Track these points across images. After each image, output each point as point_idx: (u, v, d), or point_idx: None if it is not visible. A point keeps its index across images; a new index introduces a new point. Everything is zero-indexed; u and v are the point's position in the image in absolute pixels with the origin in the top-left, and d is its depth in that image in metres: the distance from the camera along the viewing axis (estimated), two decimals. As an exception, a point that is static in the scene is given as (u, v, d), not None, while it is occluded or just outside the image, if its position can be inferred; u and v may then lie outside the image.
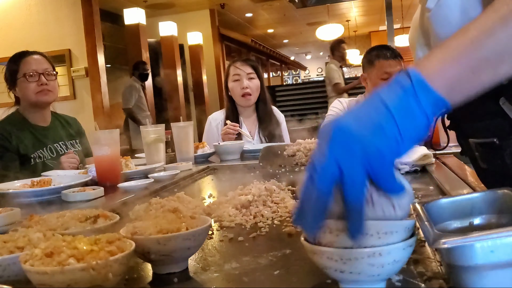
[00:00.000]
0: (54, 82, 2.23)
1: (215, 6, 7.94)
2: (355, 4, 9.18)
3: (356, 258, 0.54)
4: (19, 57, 2.20)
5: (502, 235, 0.50)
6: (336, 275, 0.57)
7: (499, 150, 0.82)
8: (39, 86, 2.15)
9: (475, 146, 0.88)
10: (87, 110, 5.04)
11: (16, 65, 2.17)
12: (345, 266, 0.55)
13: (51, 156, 2.16)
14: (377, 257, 0.54)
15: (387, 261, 0.55)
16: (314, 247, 0.58)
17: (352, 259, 0.54)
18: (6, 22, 5.15)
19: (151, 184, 1.50)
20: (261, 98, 2.66)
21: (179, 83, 6.77)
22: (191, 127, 2.08)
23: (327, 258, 0.56)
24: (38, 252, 0.61)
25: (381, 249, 0.54)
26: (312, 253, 0.58)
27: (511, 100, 0.76)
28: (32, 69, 2.16)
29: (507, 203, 0.66)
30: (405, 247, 0.56)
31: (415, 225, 0.58)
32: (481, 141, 0.86)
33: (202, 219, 0.78)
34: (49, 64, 2.25)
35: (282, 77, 16.70)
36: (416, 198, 1.11)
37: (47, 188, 1.48)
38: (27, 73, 2.15)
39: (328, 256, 0.56)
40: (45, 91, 2.17)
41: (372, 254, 0.54)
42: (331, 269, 0.57)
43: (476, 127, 0.87)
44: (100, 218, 0.87)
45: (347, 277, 0.56)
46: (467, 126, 0.91)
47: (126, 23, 5.94)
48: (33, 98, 2.16)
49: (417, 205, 0.69)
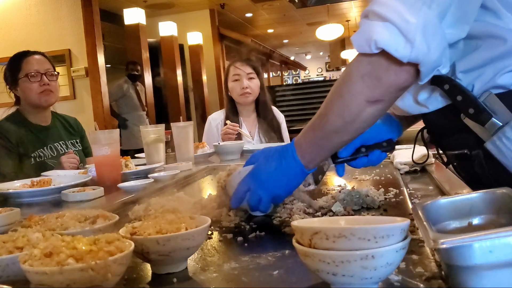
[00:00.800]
0: (55, 83, 2.24)
1: (215, 6, 7.94)
2: (355, 4, 9.18)
3: (348, 260, 0.54)
4: (20, 56, 2.19)
5: (500, 235, 0.50)
6: (329, 278, 0.56)
7: (470, 160, 0.90)
8: (41, 86, 2.15)
9: (452, 158, 0.97)
10: (87, 110, 5.03)
11: (17, 65, 2.17)
12: (337, 269, 0.55)
13: (51, 156, 2.16)
14: (370, 259, 0.53)
15: (380, 263, 0.54)
16: (306, 249, 0.57)
17: (345, 261, 0.54)
18: (6, 22, 5.14)
19: (151, 184, 1.50)
20: (261, 98, 2.66)
21: (179, 83, 6.77)
22: (191, 127, 2.08)
23: (319, 261, 0.56)
24: (37, 252, 0.61)
25: (374, 252, 0.54)
26: (304, 255, 0.58)
27: (468, 115, 0.85)
28: (34, 69, 2.16)
29: (505, 203, 0.66)
30: (398, 249, 0.55)
31: (408, 226, 0.58)
32: (455, 153, 0.94)
33: (201, 219, 0.78)
34: (50, 64, 2.25)
35: (282, 77, 16.69)
36: (415, 198, 1.11)
37: (47, 188, 1.48)
38: (29, 73, 2.15)
39: (320, 258, 0.55)
40: (47, 91, 2.17)
41: (365, 256, 0.53)
42: (323, 272, 0.56)
43: (450, 141, 0.95)
44: (99, 219, 0.87)
45: (340, 280, 0.56)
46: (444, 141, 0.98)
47: (126, 23, 5.94)
48: (35, 98, 2.16)
49: (416, 205, 0.69)
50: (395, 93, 0.82)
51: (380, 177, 1.42)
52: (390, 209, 1.03)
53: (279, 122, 2.71)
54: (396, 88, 0.80)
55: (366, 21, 0.78)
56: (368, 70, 0.79)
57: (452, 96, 0.86)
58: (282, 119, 2.76)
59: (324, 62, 19.45)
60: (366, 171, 1.51)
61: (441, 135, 0.99)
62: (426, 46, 0.73)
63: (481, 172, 0.89)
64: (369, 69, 0.79)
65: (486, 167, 0.88)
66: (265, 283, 0.66)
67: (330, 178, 1.49)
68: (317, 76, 19.50)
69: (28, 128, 2.18)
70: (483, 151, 0.87)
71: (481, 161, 0.88)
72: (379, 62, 0.78)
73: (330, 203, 1.05)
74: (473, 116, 0.85)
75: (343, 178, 1.42)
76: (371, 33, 0.75)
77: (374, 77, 0.79)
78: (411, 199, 1.10)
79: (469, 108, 0.84)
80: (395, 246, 0.55)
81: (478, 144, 0.87)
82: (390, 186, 1.23)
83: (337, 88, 0.86)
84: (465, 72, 0.86)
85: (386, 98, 0.82)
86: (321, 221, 0.73)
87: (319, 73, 19.77)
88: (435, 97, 0.91)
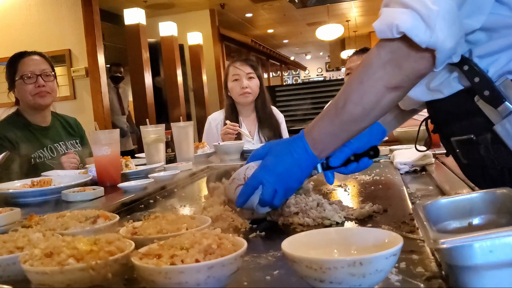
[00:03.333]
0: (52, 83, 2.21)
1: (215, 6, 7.93)
2: (355, 4, 9.18)
3: (335, 267, 0.52)
4: (17, 58, 2.19)
5: (501, 235, 0.50)
6: (316, 284, 0.55)
7: (475, 145, 0.94)
8: (36, 88, 2.14)
9: (456, 144, 1.00)
10: (87, 110, 5.03)
11: (14, 67, 2.16)
12: (324, 276, 0.53)
13: (51, 156, 2.16)
14: (358, 266, 0.52)
15: (368, 270, 0.52)
16: (293, 255, 0.56)
17: (332, 268, 0.52)
18: (6, 22, 5.14)
19: (151, 184, 1.50)
20: (261, 98, 2.66)
21: (179, 83, 6.76)
22: (191, 127, 2.09)
23: (306, 267, 0.54)
24: (38, 252, 0.61)
25: (362, 259, 0.52)
26: (292, 261, 0.56)
27: (483, 97, 0.88)
28: (29, 70, 2.14)
29: (506, 203, 0.66)
30: (388, 256, 0.54)
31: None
32: (460, 138, 0.97)
33: (201, 219, 0.78)
34: (47, 64, 2.23)
35: (282, 77, 16.69)
36: (415, 198, 1.11)
37: (47, 188, 1.48)
38: (24, 75, 2.13)
39: (307, 264, 0.54)
40: (43, 92, 2.15)
41: (353, 263, 0.52)
42: (310, 278, 0.55)
43: (456, 127, 0.98)
44: (100, 219, 0.87)
45: (327, 287, 0.54)
46: (448, 128, 1.02)
47: (126, 23, 5.92)
48: (30, 100, 2.15)
49: (417, 205, 0.69)
50: (414, 80, 0.85)
51: (380, 177, 1.43)
52: (390, 209, 1.03)
53: (279, 122, 2.71)
54: (416, 75, 0.84)
55: (388, 9, 0.82)
56: (389, 57, 0.83)
57: (470, 77, 0.89)
58: (281, 118, 2.77)
59: (324, 62, 19.44)
60: (366, 171, 1.51)
61: (447, 122, 1.02)
62: (444, 33, 0.77)
63: (486, 155, 0.93)
64: (390, 56, 0.82)
65: (492, 150, 0.91)
66: (265, 283, 0.66)
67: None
68: (317, 76, 19.49)
69: (27, 128, 2.18)
70: (491, 134, 0.90)
71: (488, 145, 0.91)
72: (400, 49, 0.81)
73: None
74: (487, 98, 0.88)
75: (343, 178, 1.42)
76: (393, 18, 0.78)
77: (395, 64, 0.82)
78: (411, 199, 1.10)
79: (485, 90, 0.87)
80: (385, 252, 0.53)
81: (486, 127, 0.90)
82: (390, 186, 1.23)
83: (357, 75, 0.87)
84: (480, 57, 0.89)
85: (405, 85, 0.85)
86: (312, 235, 0.68)
87: (319, 73, 19.77)
88: (448, 82, 0.94)
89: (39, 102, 2.17)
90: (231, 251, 0.58)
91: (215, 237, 0.61)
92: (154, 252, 0.59)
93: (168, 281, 0.54)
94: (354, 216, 0.99)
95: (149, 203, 1.35)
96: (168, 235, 0.69)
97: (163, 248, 0.60)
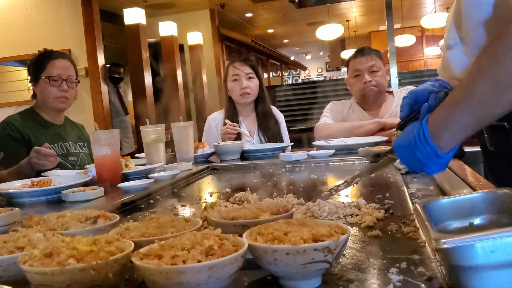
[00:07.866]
0: (74, 90, 2.27)
1: (215, 6, 7.93)
2: (355, 4, 9.18)
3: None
4: (47, 57, 2.21)
5: (502, 235, 0.50)
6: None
7: (507, 133, 0.92)
8: (59, 92, 2.18)
9: (486, 129, 0.97)
10: (87, 110, 5.03)
11: (42, 64, 2.19)
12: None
13: (61, 153, 2.17)
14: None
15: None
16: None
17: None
18: (6, 22, 5.14)
19: (151, 184, 1.50)
20: (260, 98, 2.66)
21: (179, 83, 6.76)
22: (191, 127, 2.08)
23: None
24: (37, 252, 0.61)
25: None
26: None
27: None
28: (57, 73, 2.18)
29: (507, 203, 0.66)
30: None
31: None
32: (492, 123, 0.93)
33: (194, 221, 0.80)
34: (73, 71, 2.27)
35: (282, 77, 16.68)
36: (416, 198, 1.11)
37: (47, 188, 1.48)
38: (51, 76, 2.17)
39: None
40: (63, 98, 2.21)
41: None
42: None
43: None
44: (100, 219, 0.87)
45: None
46: None
47: (126, 23, 5.92)
48: (50, 102, 2.20)
49: (418, 205, 0.69)
50: None
51: (381, 177, 1.42)
52: (392, 209, 1.03)
53: (279, 122, 2.71)
54: None
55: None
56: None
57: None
58: (281, 118, 2.77)
59: (324, 62, 19.44)
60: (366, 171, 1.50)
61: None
62: None
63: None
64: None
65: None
66: (265, 283, 0.66)
67: (330, 178, 1.49)
68: (317, 76, 19.48)
69: (40, 123, 2.21)
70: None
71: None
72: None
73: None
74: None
75: (343, 178, 1.42)
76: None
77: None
78: (412, 199, 1.10)
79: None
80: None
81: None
82: (391, 186, 1.23)
83: (490, 50, 0.79)
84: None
85: None
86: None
87: (319, 73, 19.75)
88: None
89: (57, 106, 2.22)
90: (232, 251, 0.58)
91: (216, 237, 0.61)
92: (155, 252, 0.59)
93: (168, 281, 0.54)
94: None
95: (149, 203, 1.35)
96: (150, 239, 0.70)
97: (164, 249, 0.60)
